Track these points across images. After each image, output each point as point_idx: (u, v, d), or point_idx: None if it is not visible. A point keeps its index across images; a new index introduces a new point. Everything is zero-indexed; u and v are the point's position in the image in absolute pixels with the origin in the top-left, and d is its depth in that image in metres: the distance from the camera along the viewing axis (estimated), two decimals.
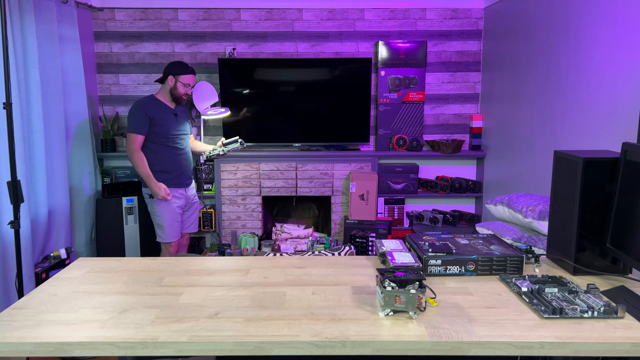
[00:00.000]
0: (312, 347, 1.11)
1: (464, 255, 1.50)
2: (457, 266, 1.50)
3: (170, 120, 3.20)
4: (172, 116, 3.22)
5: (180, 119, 3.29)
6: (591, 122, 2.63)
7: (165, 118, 3.18)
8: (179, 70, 3.16)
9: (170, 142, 3.22)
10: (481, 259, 1.50)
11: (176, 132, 3.23)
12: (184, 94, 3.19)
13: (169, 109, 3.22)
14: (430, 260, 1.50)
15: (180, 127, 3.27)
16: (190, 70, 3.19)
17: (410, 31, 4.20)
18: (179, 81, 3.16)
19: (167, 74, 3.19)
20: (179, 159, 3.26)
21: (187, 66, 3.18)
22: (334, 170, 4.14)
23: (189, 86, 3.19)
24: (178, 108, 3.30)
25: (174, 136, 3.23)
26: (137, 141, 3.10)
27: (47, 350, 1.11)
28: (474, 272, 1.51)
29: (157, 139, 3.18)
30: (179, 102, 3.23)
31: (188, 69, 3.17)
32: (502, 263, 1.51)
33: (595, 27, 2.60)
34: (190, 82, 3.20)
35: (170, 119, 3.20)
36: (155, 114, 3.14)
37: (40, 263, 3.25)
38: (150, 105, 3.15)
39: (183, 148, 3.30)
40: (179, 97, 3.19)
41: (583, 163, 1.46)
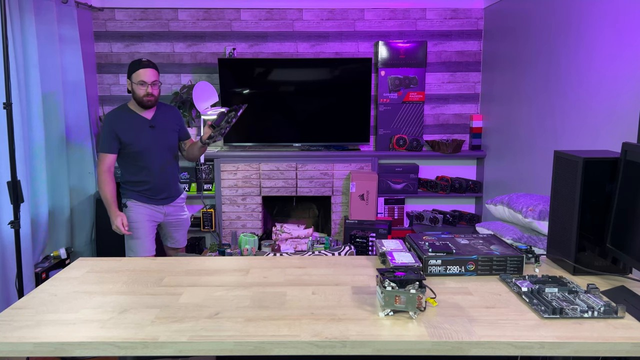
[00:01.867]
0: (312, 347, 1.11)
1: (464, 255, 1.50)
2: (457, 266, 1.50)
3: (143, 135, 2.70)
4: (146, 129, 2.71)
5: (160, 131, 2.75)
6: (591, 122, 2.63)
7: (134, 134, 2.69)
8: (130, 69, 2.67)
9: (143, 160, 2.72)
10: (481, 259, 1.50)
11: (153, 149, 2.72)
12: (145, 96, 2.64)
13: (141, 120, 2.72)
14: (430, 260, 1.50)
15: (161, 141, 2.75)
16: (141, 65, 2.64)
17: (410, 31, 4.20)
18: (133, 82, 2.65)
19: None
20: (156, 178, 2.77)
21: (139, 61, 2.66)
22: (334, 170, 4.14)
23: (145, 84, 2.62)
24: (160, 116, 2.77)
25: (149, 153, 2.72)
26: (106, 162, 2.67)
27: (47, 350, 1.11)
28: (474, 272, 1.51)
29: (127, 159, 2.74)
30: (145, 106, 2.68)
31: (138, 64, 2.65)
32: (502, 263, 1.51)
33: (595, 27, 2.60)
34: (146, 79, 2.63)
35: (143, 133, 2.70)
36: (121, 130, 2.67)
37: (40, 263, 3.25)
38: (117, 119, 2.69)
39: (163, 165, 2.78)
40: (141, 100, 2.66)
41: (583, 163, 1.46)
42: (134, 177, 2.76)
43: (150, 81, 2.64)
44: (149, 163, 2.73)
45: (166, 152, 2.80)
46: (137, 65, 2.65)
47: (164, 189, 2.82)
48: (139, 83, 2.63)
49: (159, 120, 2.76)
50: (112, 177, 2.69)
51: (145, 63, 2.65)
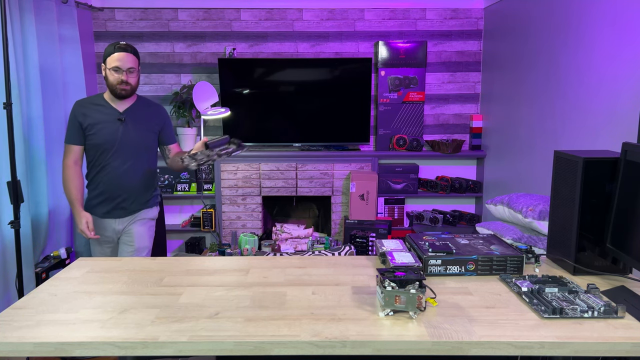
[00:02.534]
0: (312, 347, 1.11)
1: (464, 255, 1.50)
2: (457, 266, 1.50)
3: (108, 127, 2.36)
4: (113, 121, 2.36)
5: (131, 126, 2.39)
6: (591, 122, 2.63)
7: (96, 123, 2.35)
8: (105, 53, 2.33)
9: (103, 156, 2.38)
10: (481, 259, 1.50)
11: (117, 144, 2.36)
12: (119, 83, 2.30)
13: (111, 111, 2.38)
14: (430, 260, 1.50)
15: (129, 138, 2.38)
16: (116, 48, 2.30)
17: (410, 31, 4.20)
18: (107, 68, 2.31)
19: None
20: (115, 180, 2.40)
21: (115, 44, 2.32)
22: (334, 170, 4.14)
23: (120, 71, 2.29)
24: (135, 110, 2.42)
25: (112, 148, 2.36)
26: (70, 155, 2.37)
27: (47, 350, 1.11)
28: (474, 272, 1.51)
29: (88, 154, 2.42)
30: (118, 95, 2.34)
31: (113, 47, 2.31)
32: (502, 263, 1.51)
33: (595, 27, 2.60)
34: (121, 64, 2.28)
35: (108, 124, 2.36)
36: (85, 117, 2.35)
37: (40, 263, 3.25)
38: (83, 107, 2.38)
39: (128, 168, 2.40)
40: (114, 89, 2.32)
41: (583, 163, 1.46)
42: (91, 180, 2.45)
43: (126, 67, 2.29)
44: (111, 160, 2.37)
45: (135, 152, 2.41)
46: (111, 48, 2.31)
47: (121, 195, 2.42)
48: (113, 69, 2.29)
49: (132, 114, 2.41)
50: (78, 172, 2.39)
51: (122, 46, 2.31)
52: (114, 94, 2.35)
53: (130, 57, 2.32)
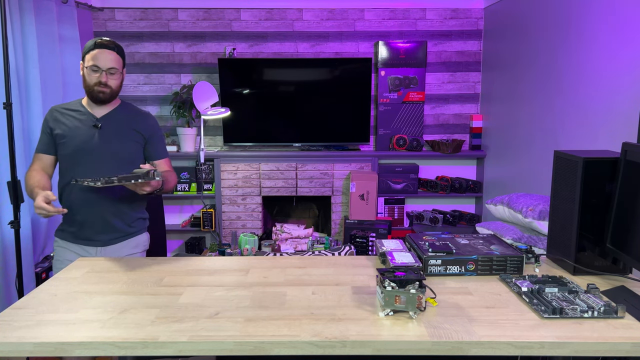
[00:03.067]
0: (312, 347, 1.11)
1: (464, 255, 1.50)
2: (457, 266, 1.50)
3: (81, 133, 2.02)
4: (88, 127, 2.03)
5: (109, 134, 2.04)
6: (591, 122, 2.63)
7: (69, 129, 2.02)
8: (85, 49, 2.01)
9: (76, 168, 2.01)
10: (481, 259, 1.50)
11: (92, 154, 2.01)
12: (96, 85, 1.97)
13: (87, 116, 2.04)
14: (430, 260, 1.50)
15: (107, 147, 2.03)
16: (97, 44, 1.97)
17: (410, 31, 4.20)
18: (85, 66, 1.99)
19: None
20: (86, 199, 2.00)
21: (96, 39, 2.00)
22: (334, 170, 4.14)
23: (98, 70, 1.96)
24: (116, 117, 2.08)
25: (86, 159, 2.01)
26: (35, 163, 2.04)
27: (47, 350, 1.11)
28: (474, 272, 1.51)
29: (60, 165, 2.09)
30: (96, 99, 2.01)
31: (93, 42, 1.98)
32: (502, 263, 1.51)
33: (595, 26, 2.60)
34: (100, 63, 1.96)
35: (81, 130, 2.02)
36: (57, 124, 2.03)
37: (40, 263, 3.25)
38: (56, 113, 2.07)
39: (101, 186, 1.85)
40: (91, 90, 1.99)
41: (583, 163, 1.46)
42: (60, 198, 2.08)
43: (106, 67, 1.97)
44: (82, 174, 1.99)
45: (114, 165, 2.03)
46: (92, 44, 1.98)
47: (101, 217, 2.02)
48: (91, 67, 1.96)
49: (111, 121, 2.07)
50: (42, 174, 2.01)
51: (104, 42, 1.98)
52: (91, 96, 2.02)
53: (112, 55, 1.98)
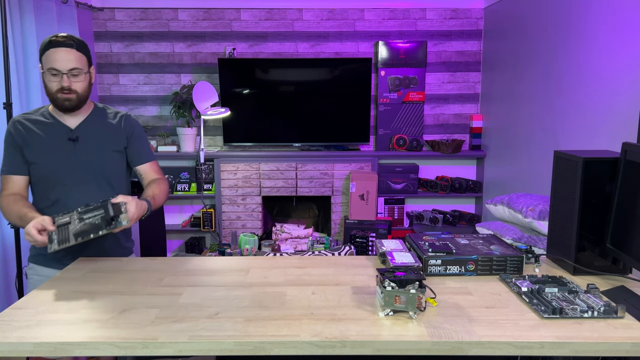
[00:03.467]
0: (312, 347, 1.11)
1: (464, 255, 1.50)
2: (457, 266, 1.50)
3: (56, 151, 1.76)
4: (63, 142, 1.77)
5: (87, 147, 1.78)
6: (591, 122, 2.63)
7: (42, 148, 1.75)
8: (40, 50, 1.71)
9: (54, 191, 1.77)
10: (481, 259, 1.50)
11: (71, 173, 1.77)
12: (59, 91, 1.70)
13: (59, 128, 1.78)
14: (430, 260, 1.50)
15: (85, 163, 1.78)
16: (52, 42, 1.68)
17: (410, 31, 4.20)
18: (43, 69, 1.71)
19: None
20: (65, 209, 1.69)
21: (50, 37, 1.70)
22: (334, 170, 4.14)
23: (58, 74, 1.67)
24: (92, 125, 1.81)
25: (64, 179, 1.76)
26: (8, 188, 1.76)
27: (47, 350, 1.11)
28: (474, 272, 1.51)
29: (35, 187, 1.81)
30: (61, 107, 1.73)
31: (48, 41, 1.69)
32: (502, 263, 1.51)
33: (595, 26, 2.60)
34: (59, 65, 1.67)
35: (56, 147, 1.76)
36: (26, 140, 1.75)
37: None
38: (21, 126, 1.76)
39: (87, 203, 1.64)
40: (54, 98, 1.72)
41: (583, 163, 1.46)
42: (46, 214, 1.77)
43: (67, 69, 1.67)
44: (62, 196, 1.76)
45: (95, 183, 1.80)
46: (47, 43, 1.69)
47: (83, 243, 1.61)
48: (49, 71, 1.68)
49: (88, 131, 1.80)
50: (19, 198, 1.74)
51: (60, 40, 1.68)
52: (56, 105, 1.74)
53: (72, 53, 1.68)
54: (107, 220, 1.50)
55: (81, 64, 1.71)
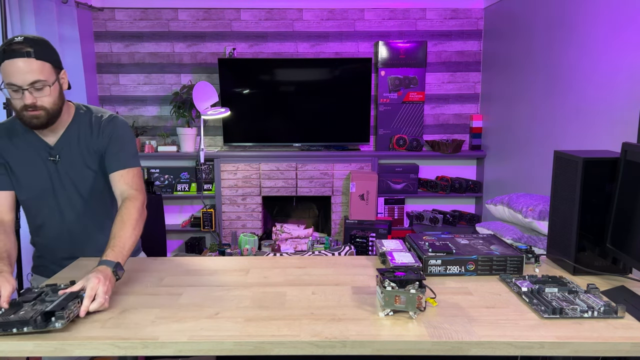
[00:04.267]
0: (312, 347, 1.11)
1: (464, 255, 1.50)
2: (457, 266, 1.50)
3: (36, 175, 1.61)
4: (44, 163, 1.61)
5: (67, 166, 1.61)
6: (591, 122, 2.63)
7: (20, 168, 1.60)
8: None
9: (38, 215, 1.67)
10: (481, 259, 1.50)
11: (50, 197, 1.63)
12: (23, 110, 1.46)
13: (37, 145, 1.60)
14: (430, 260, 1.50)
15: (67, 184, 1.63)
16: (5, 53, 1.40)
17: (410, 31, 4.20)
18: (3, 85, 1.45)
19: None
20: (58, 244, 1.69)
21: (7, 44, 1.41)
22: (334, 170, 4.14)
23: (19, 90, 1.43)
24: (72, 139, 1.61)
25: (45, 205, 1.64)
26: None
27: (47, 350, 1.10)
28: (474, 272, 1.51)
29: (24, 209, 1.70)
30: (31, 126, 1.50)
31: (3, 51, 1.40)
32: (502, 263, 1.51)
33: (595, 26, 2.60)
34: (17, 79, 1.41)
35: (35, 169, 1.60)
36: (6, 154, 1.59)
37: None
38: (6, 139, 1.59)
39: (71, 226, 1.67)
40: (20, 116, 1.48)
41: (583, 163, 1.46)
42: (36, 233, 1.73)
43: (27, 83, 1.42)
44: (46, 220, 1.66)
45: (82, 204, 1.66)
46: (2, 51, 1.41)
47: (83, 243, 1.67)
48: (8, 87, 1.43)
49: (69, 148, 1.61)
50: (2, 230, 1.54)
51: (15, 48, 1.39)
52: (24, 123, 1.50)
53: (31, 63, 1.41)
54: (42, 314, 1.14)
55: (44, 74, 1.44)
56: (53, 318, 1.12)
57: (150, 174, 4.20)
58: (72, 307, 1.16)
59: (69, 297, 1.20)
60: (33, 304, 1.20)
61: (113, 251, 1.38)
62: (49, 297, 1.24)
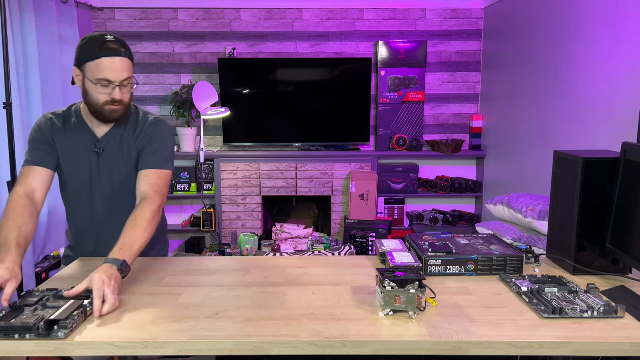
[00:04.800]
0: (312, 347, 1.11)
1: (464, 255, 1.50)
2: (457, 266, 1.50)
3: (79, 162, 1.68)
4: (88, 154, 1.67)
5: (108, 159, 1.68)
6: (591, 122, 2.63)
7: (67, 154, 1.67)
8: (83, 53, 1.53)
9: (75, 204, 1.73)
10: (481, 259, 1.50)
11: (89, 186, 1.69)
12: (108, 104, 1.57)
13: (87, 137, 1.67)
14: (430, 260, 1.50)
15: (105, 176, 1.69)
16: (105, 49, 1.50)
17: (410, 31, 4.20)
18: (87, 77, 1.54)
19: None
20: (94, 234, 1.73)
21: (99, 40, 1.51)
22: (334, 170, 4.14)
23: (110, 85, 1.54)
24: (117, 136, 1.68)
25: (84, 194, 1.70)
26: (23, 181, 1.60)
27: (47, 350, 1.10)
28: (474, 272, 1.51)
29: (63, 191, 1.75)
30: (106, 119, 1.62)
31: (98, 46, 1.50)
32: (502, 263, 1.51)
33: (594, 26, 2.60)
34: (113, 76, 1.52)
35: (79, 157, 1.67)
36: (56, 138, 1.66)
37: (40, 263, 3.25)
38: (50, 122, 1.67)
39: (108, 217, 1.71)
40: (99, 110, 1.58)
41: (583, 163, 1.46)
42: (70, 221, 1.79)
43: (120, 80, 1.54)
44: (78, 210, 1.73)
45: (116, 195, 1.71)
46: (98, 48, 1.50)
47: None
48: (100, 82, 1.53)
49: (113, 142, 1.69)
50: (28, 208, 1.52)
51: (114, 47, 1.51)
52: (100, 117, 1.61)
53: (125, 63, 1.54)
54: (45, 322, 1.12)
55: (131, 71, 1.59)
56: (56, 327, 1.12)
57: None
58: (76, 317, 1.17)
59: (74, 307, 1.20)
60: (34, 309, 1.20)
61: (121, 250, 1.39)
62: (51, 302, 1.24)
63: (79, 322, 1.18)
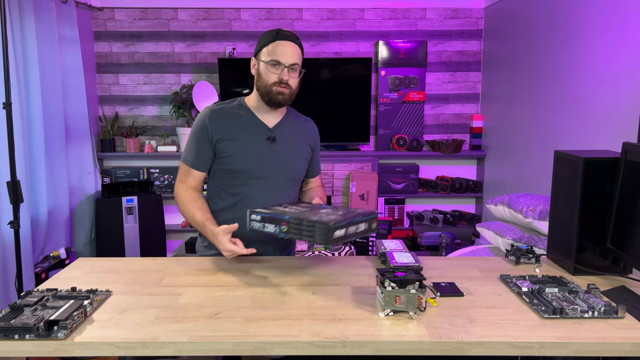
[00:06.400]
0: (312, 347, 1.11)
1: (279, 215, 1.41)
2: (273, 225, 1.43)
3: (254, 149, 1.74)
4: (261, 141, 1.75)
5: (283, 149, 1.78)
6: (591, 122, 2.63)
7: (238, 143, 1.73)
8: (262, 41, 1.72)
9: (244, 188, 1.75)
10: (293, 221, 1.38)
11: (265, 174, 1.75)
12: (276, 84, 1.69)
13: (257, 125, 1.77)
14: (252, 215, 1.46)
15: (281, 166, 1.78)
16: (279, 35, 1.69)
17: (411, 31, 4.20)
18: (261, 60, 1.70)
19: None
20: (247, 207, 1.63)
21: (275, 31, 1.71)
22: (334, 170, 4.14)
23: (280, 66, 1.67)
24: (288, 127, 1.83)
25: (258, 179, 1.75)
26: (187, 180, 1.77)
27: (47, 350, 1.10)
28: (286, 233, 1.40)
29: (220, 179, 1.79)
30: (273, 102, 1.72)
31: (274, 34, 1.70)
32: (311, 229, 1.35)
33: (595, 26, 2.60)
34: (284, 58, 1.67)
35: (254, 145, 1.74)
36: (220, 131, 1.72)
37: (40, 263, 3.25)
38: (218, 117, 1.74)
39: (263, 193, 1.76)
40: (268, 91, 1.70)
41: (583, 163, 1.46)
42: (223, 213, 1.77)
43: (289, 63, 1.68)
44: (251, 194, 1.74)
45: (284, 187, 1.79)
46: (273, 35, 1.69)
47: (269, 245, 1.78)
48: (271, 62, 1.67)
49: (284, 132, 1.80)
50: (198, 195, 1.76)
51: (286, 34, 1.70)
52: (267, 98, 1.71)
53: (295, 49, 1.70)
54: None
55: (300, 60, 1.74)
56: (56, 327, 1.13)
57: (150, 174, 4.20)
58: (76, 317, 1.17)
59: (73, 307, 1.20)
60: (34, 309, 1.21)
61: None
62: (50, 302, 1.25)
63: (78, 322, 1.18)
